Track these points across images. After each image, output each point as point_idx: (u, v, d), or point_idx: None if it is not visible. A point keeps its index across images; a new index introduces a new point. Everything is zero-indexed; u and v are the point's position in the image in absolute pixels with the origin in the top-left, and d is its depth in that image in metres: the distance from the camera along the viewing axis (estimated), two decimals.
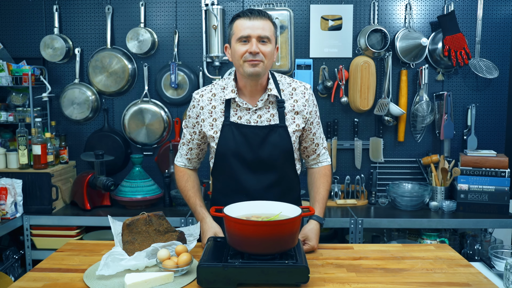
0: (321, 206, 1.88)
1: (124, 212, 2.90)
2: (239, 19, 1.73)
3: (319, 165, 1.96)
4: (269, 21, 1.74)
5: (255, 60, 1.69)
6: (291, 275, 1.41)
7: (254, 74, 1.71)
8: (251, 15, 1.71)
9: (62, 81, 3.27)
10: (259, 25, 1.70)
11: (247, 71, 1.71)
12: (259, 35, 1.69)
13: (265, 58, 1.71)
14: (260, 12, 1.73)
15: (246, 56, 1.69)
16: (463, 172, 2.95)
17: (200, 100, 1.84)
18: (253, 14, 1.71)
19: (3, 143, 3.09)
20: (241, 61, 1.71)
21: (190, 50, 3.21)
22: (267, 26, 1.72)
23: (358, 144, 3.21)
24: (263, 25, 1.71)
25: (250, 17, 1.70)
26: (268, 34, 1.71)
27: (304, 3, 3.15)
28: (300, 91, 1.84)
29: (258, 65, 1.70)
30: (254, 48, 1.68)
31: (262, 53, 1.70)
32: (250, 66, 1.70)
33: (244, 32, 1.69)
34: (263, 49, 1.70)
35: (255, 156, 1.78)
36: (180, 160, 1.97)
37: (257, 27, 1.69)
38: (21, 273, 2.88)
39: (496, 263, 1.76)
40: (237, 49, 1.71)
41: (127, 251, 1.61)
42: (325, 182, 1.92)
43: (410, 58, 3.10)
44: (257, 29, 1.69)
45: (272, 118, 1.80)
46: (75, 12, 3.21)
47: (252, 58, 1.69)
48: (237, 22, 1.73)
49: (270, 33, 1.73)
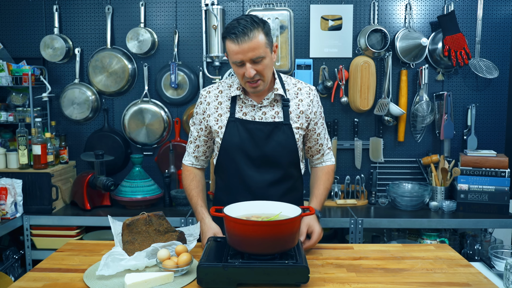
0: (317, 200, 1.89)
1: (124, 212, 2.90)
2: (228, 40, 1.66)
3: (323, 164, 1.97)
4: (258, 33, 1.63)
5: (254, 81, 1.70)
6: (291, 275, 1.41)
7: (256, 92, 1.77)
8: (237, 39, 1.62)
9: (62, 81, 3.27)
10: (248, 48, 1.62)
11: (249, 91, 1.77)
12: (250, 58, 1.65)
13: (263, 75, 1.70)
14: (245, 30, 1.61)
15: (245, 78, 1.71)
16: (463, 172, 2.95)
17: (207, 96, 1.87)
18: (238, 37, 1.61)
19: (3, 143, 3.09)
20: (242, 81, 1.74)
21: (190, 50, 3.21)
22: (257, 44, 1.63)
23: (358, 144, 3.21)
24: (252, 46, 1.62)
25: (238, 42, 1.62)
26: (260, 53, 1.65)
27: (304, 3, 3.15)
28: (306, 91, 1.86)
29: (258, 86, 1.73)
30: (249, 73, 1.67)
31: (259, 72, 1.69)
32: (251, 88, 1.73)
33: (236, 57, 1.66)
34: (259, 68, 1.68)
35: (260, 152, 1.80)
36: (187, 159, 1.98)
37: (246, 50, 1.63)
38: (21, 273, 2.88)
39: (496, 263, 1.76)
40: (236, 71, 1.73)
41: (127, 251, 1.61)
42: (325, 180, 1.93)
43: (410, 58, 3.10)
44: (247, 52, 1.64)
45: (277, 115, 1.81)
46: (75, 12, 3.21)
47: (250, 80, 1.70)
48: (227, 44, 1.67)
49: (263, 49, 1.65)
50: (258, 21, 1.66)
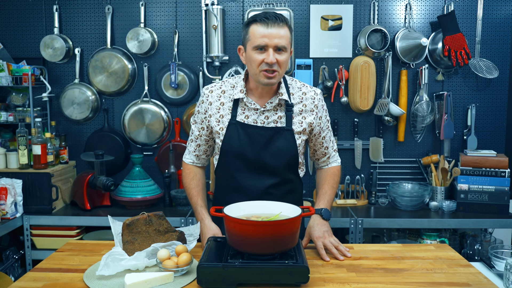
0: (323, 201, 1.87)
1: (124, 212, 2.90)
2: (256, 24, 1.66)
3: (329, 165, 1.97)
4: (287, 27, 1.67)
5: (271, 70, 1.67)
6: (291, 275, 1.41)
7: (270, 85, 1.72)
8: (269, 22, 1.64)
9: (62, 81, 3.27)
10: (276, 34, 1.64)
11: (262, 81, 1.70)
12: (276, 44, 1.65)
13: (280, 68, 1.68)
14: (278, 18, 1.65)
15: (262, 66, 1.67)
16: (463, 172, 2.95)
17: (210, 96, 1.84)
18: (270, 20, 1.64)
19: (3, 143, 3.09)
20: (257, 70, 1.69)
21: (190, 50, 3.21)
22: (285, 34, 1.66)
23: (358, 144, 3.21)
24: (280, 33, 1.64)
25: (268, 24, 1.64)
26: (285, 44, 1.66)
27: (304, 3, 3.15)
28: (310, 96, 1.83)
29: (274, 77, 1.69)
30: (271, 58, 1.64)
31: (278, 63, 1.67)
32: (265, 78, 1.69)
33: (261, 41, 1.64)
34: (280, 59, 1.67)
35: (258, 157, 1.78)
36: (188, 157, 1.96)
37: (274, 35, 1.64)
38: (21, 273, 2.88)
39: (496, 263, 1.76)
40: (254, 57, 1.68)
41: (127, 251, 1.61)
42: (330, 180, 1.92)
43: (410, 58, 3.10)
44: (274, 38, 1.64)
45: (279, 120, 1.79)
46: (75, 12, 3.21)
47: (268, 67, 1.66)
48: (253, 27, 1.67)
49: (287, 42, 1.67)
50: (286, 18, 1.71)
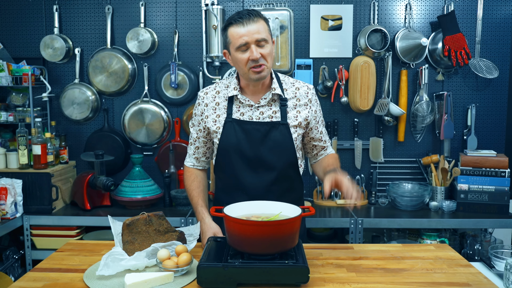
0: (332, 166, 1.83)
1: (124, 212, 2.90)
2: (232, 26, 1.71)
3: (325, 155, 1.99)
4: (262, 20, 1.72)
5: (258, 65, 1.71)
6: (291, 275, 1.41)
7: (260, 79, 1.75)
8: (243, 20, 1.69)
9: (62, 81, 3.27)
10: (254, 29, 1.69)
11: (253, 78, 1.74)
12: (256, 39, 1.69)
13: (266, 60, 1.72)
14: (251, 14, 1.70)
15: (249, 64, 1.71)
16: (463, 172, 2.95)
17: (205, 98, 1.88)
18: (244, 18, 1.69)
19: (3, 143, 3.09)
20: (245, 68, 1.73)
21: (190, 50, 3.21)
22: (262, 27, 1.71)
23: (358, 144, 3.21)
24: (258, 27, 1.69)
25: (243, 23, 1.69)
26: (264, 36, 1.71)
27: (304, 3, 3.15)
28: (304, 90, 1.86)
29: (262, 70, 1.72)
30: (255, 54, 1.69)
31: (263, 56, 1.71)
32: (255, 73, 1.72)
33: (242, 40, 1.69)
34: (263, 52, 1.71)
35: (256, 153, 1.80)
36: (189, 160, 1.99)
37: (252, 31, 1.69)
38: (21, 273, 2.88)
39: (496, 263, 1.77)
40: (239, 58, 1.72)
41: (127, 251, 1.61)
42: (333, 161, 1.92)
43: (410, 58, 3.10)
44: (253, 33, 1.68)
45: (274, 115, 1.81)
46: (75, 12, 3.21)
47: (255, 64, 1.70)
48: (231, 30, 1.71)
49: (266, 33, 1.72)
50: (259, 12, 1.75)
